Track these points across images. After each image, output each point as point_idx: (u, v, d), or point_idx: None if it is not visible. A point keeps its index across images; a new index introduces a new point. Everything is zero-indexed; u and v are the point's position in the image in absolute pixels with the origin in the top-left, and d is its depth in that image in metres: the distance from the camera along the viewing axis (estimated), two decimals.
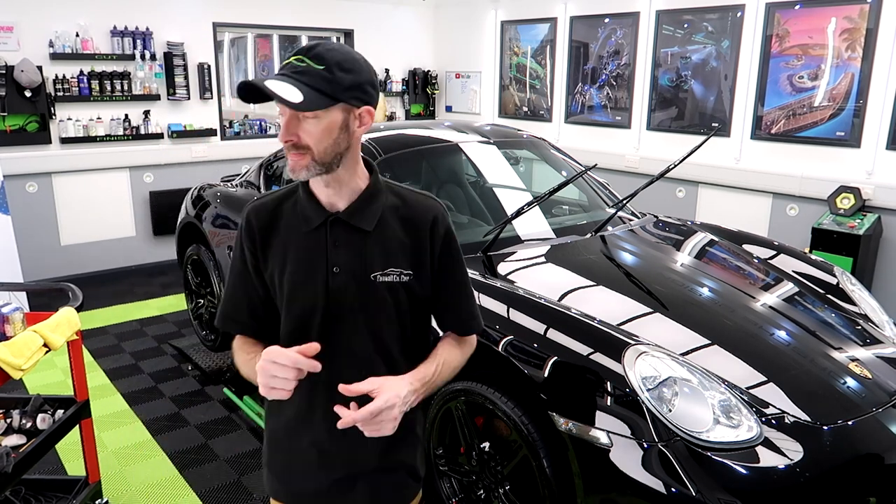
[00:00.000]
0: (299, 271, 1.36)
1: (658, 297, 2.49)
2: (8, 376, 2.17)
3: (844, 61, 4.67)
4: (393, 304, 1.37)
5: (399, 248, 1.37)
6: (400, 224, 1.38)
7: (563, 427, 2.01)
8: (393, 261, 1.36)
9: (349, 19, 7.15)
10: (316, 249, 1.35)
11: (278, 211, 1.40)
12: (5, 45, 5.19)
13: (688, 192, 5.74)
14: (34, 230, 5.52)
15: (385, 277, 1.36)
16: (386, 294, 1.36)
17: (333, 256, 1.35)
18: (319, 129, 1.26)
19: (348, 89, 1.25)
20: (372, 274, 1.35)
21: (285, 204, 1.40)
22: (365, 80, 1.28)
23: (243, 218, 1.42)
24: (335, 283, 1.34)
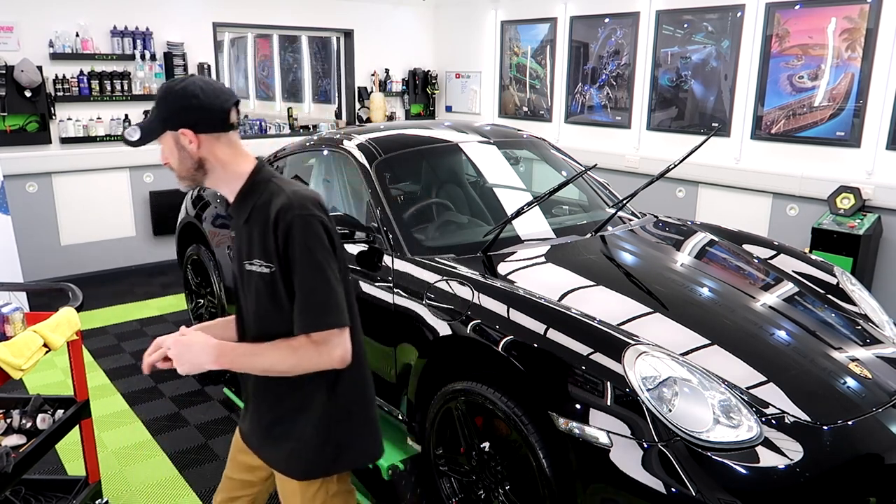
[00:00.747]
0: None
1: (658, 297, 2.48)
2: (8, 376, 2.17)
3: (844, 61, 4.67)
4: (264, 290, 1.58)
5: (259, 242, 1.56)
6: (262, 219, 1.56)
7: (563, 427, 2.01)
8: (255, 252, 1.57)
9: (349, 19, 7.15)
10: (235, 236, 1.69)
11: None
12: (5, 45, 5.19)
13: (688, 192, 5.74)
14: (34, 230, 5.52)
15: (252, 266, 1.59)
16: (255, 281, 1.59)
17: (234, 244, 1.67)
18: (166, 153, 1.64)
19: (165, 120, 1.58)
20: (244, 261, 1.60)
21: None
22: (176, 108, 1.57)
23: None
24: (235, 267, 1.68)
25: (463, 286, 2.47)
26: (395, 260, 2.75)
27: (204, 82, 1.58)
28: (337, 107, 7.87)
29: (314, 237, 1.52)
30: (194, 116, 1.56)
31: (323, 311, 1.52)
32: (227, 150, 1.61)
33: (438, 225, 3.17)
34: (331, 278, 1.53)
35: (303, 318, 1.52)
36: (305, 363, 1.54)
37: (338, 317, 1.53)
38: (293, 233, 1.51)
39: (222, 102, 1.58)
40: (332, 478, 1.73)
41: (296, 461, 1.69)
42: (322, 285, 1.53)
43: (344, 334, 1.55)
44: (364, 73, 7.46)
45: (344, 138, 3.33)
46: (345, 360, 1.56)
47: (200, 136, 1.57)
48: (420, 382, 2.57)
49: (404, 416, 2.72)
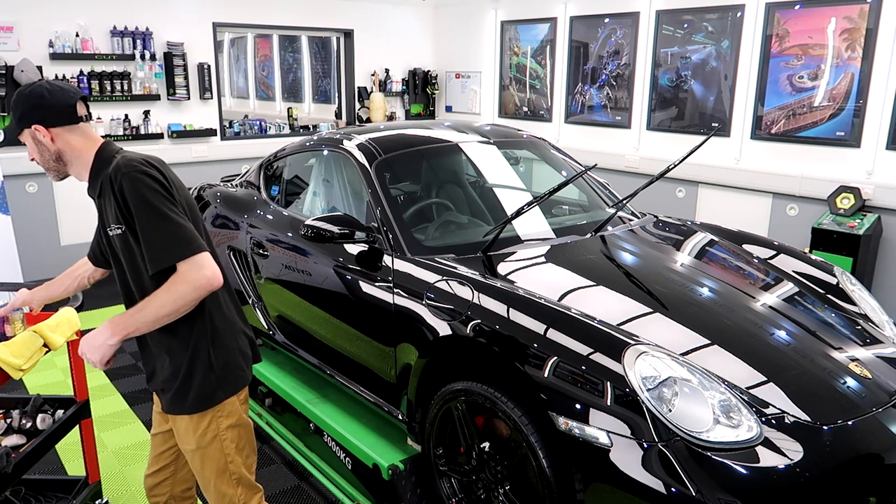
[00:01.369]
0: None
1: (658, 297, 2.48)
2: (8, 376, 2.17)
3: (844, 61, 4.67)
4: (125, 251, 1.79)
5: (110, 208, 1.77)
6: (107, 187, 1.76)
7: (563, 427, 2.01)
8: (110, 218, 1.78)
9: (349, 19, 7.15)
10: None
11: None
12: (5, 45, 5.19)
13: (688, 192, 5.74)
14: (34, 230, 5.52)
15: (112, 231, 1.80)
16: (118, 244, 1.80)
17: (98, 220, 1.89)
18: (30, 150, 1.89)
19: (19, 120, 1.82)
20: (106, 229, 1.82)
21: None
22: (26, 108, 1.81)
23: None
24: (104, 241, 1.90)
25: (463, 286, 2.47)
26: (395, 260, 2.75)
27: (50, 84, 1.83)
28: (337, 107, 7.87)
29: (144, 186, 1.70)
30: (42, 113, 1.80)
31: (176, 243, 1.69)
32: (81, 140, 1.83)
33: (438, 225, 3.17)
34: (172, 216, 1.71)
35: (160, 256, 1.69)
36: (184, 297, 1.69)
37: (193, 244, 1.71)
38: (125, 189, 1.70)
39: (67, 98, 1.82)
40: (222, 409, 1.89)
41: (181, 397, 1.86)
42: (165, 223, 1.70)
43: (206, 257, 1.72)
44: (364, 73, 7.47)
45: (344, 138, 3.33)
46: (217, 278, 1.72)
47: (52, 129, 1.81)
48: (420, 382, 2.57)
49: (404, 416, 2.72)
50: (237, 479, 1.97)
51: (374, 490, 2.84)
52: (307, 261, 3.18)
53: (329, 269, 3.02)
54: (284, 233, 3.40)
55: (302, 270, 3.22)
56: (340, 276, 2.97)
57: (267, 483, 3.02)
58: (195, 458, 1.94)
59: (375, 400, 2.89)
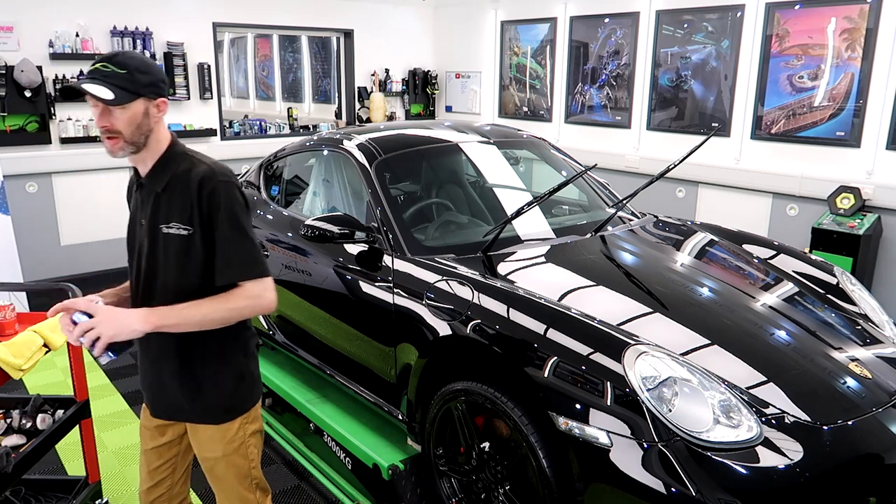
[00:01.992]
0: (129, 223, 1.85)
1: (658, 297, 2.48)
2: (8, 376, 2.17)
3: (844, 61, 4.67)
4: (180, 250, 1.72)
5: (179, 207, 1.71)
6: (181, 187, 1.71)
7: (563, 427, 2.01)
8: (174, 217, 1.71)
9: (349, 19, 7.15)
10: (134, 206, 1.83)
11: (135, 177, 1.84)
12: (5, 45, 5.19)
13: (688, 192, 5.74)
14: (34, 230, 5.51)
15: (168, 229, 1.71)
16: (170, 244, 1.72)
17: (141, 212, 1.78)
18: (126, 118, 1.65)
19: (146, 86, 1.66)
20: (159, 225, 1.72)
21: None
22: (158, 79, 1.71)
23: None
24: (141, 233, 1.77)
25: (463, 286, 2.47)
26: (395, 260, 2.75)
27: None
28: (337, 107, 7.87)
29: (235, 199, 1.71)
30: (164, 89, 1.75)
31: (252, 262, 1.71)
32: (163, 128, 1.79)
33: (438, 225, 3.17)
34: (251, 235, 1.73)
35: (232, 270, 1.70)
36: (240, 312, 1.71)
37: (263, 265, 1.74)
38: (219, 196, 1.69)
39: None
40: (249, 416, 1.91)
41: (216, 406, 1.85)
42: (245, 240, 1.72)
43: (271, 282, 1.76)
44: (364, 73, 7.46)
45: (344, 138, 3.33)
46: (274, 304, 1.76)
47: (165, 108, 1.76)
48: (420, 382, 2.57)
49: (404, 416, 2.72)
50: (257, 483, 1.98)
51: (374, 490, 2.84)
52: (307, 261, 3.18)
53: (329, 269, 3.02)
54: (284, 233, 3.40)
55: (302, 270, 3.22)
56: (340, 276, 2.97)
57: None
58: (218, 466, 1.91)
59: (375, 400, 2.89)
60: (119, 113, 1.64)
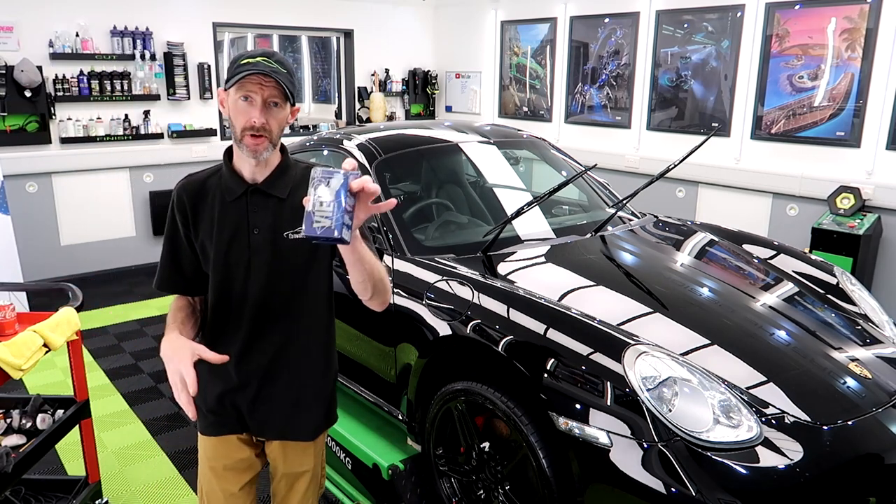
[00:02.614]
0: (225, 232, 1.66)
1: (658, 297, 2.48)
2: (8, 376, 2.17)
3: (844, 61, 4.67)
4: (306, 258, 1.67)
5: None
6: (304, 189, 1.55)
7: (562, 427, 2.01)
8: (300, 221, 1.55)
9: (349, 19, 7.15)
10: (238, 214, 1.65)
11: (205, 187, 1.68)
12: (5, 45, 5.19)
13: (688, 192, 5.74)
14: (34, 230, 5.52)
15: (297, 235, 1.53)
16: (299, 250, 1.65)
17: (253, 219, 1.65)
18: (281, 118, 1.60)
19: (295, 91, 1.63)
20: (285, 232, 1.60)
21: (210, 181, 1.69)
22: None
23: (175, 195, 1.69)
24: (255, 241, 1.65)
25: (463, 286, 2.47)
26: (395, 260, 2.75)
27: None
28: (337, 107, 7.87)
29: None
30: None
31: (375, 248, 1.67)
32: None
33: (438, 225, 3.17)
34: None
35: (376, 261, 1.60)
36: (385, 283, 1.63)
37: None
38: None
39: None
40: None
41: (317, 419, 1.80)
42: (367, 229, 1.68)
43: None
44: (364, 73, 7.46)
45: (344, 138, 3.33)
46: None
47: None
48: (420, 382, 2.57)
49: (404, 416, 2.72)
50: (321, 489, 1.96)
51: (374, 490, 2.84)
52: None
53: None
54: None
55: None
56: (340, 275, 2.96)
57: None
58: (303, 480, 1.85)
59: (375, 400, 2.89)
60: (276, 112, 1.58)
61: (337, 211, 1.28)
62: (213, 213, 1.65)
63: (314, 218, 1.28)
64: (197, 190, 1.67)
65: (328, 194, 1.29)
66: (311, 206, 1.29)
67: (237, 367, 1.71)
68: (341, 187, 1.29)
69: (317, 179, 1.29)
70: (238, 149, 1.61)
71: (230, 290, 1.68)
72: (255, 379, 1.73)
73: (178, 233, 1.69)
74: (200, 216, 1.66)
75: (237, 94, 1.54)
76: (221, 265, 1.66)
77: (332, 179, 1.29)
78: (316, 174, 1.29)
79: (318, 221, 1.28)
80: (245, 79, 1.52)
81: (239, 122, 1.55)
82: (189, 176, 1.72)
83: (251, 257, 1.65)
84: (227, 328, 1.70)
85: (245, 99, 1.54)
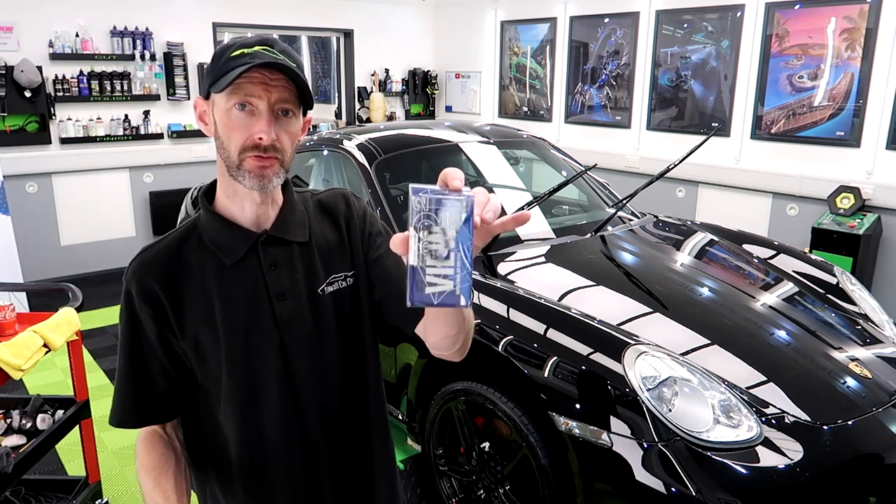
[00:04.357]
0: (233, 313, 1.12)
1: (658, 297, 2.48)
2: (8, 376, 2.17)
3: (844, 61, 4.67)
4: (347, 314, 1.20)
5: (334, 250, 1.21)
6: (325, 224, 1.22)
7: (562, 427, 2.01)
8: (333, 266, 1.19)
9: (349, 19, 7.15)
10: (249, 280, 1.13)
11: (179, 257, 1.14)
12: (5, 45, 5.18)
13: (688, 192, 5.74)
14: (34, 230, 5.51)
15: (330, 287, 1.18)
16: (338, 306, 1.19)
17: (274, 282, 1.14)
18: (293, 131, 1.10)
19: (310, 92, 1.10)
20: (319, 288, 1.17)
21: (185, 247, 1.15)
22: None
23: (132, 285, 1.12)
24: (284, 312, 1.13)
25: None
26: None
27: None
28: (337, 107, 7.87)
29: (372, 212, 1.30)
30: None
31: None
32: None
33: None
34: None
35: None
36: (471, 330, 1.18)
37: None
38: (369, 214, 1.25)
39: None
40: None
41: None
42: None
43: None
44: (364, 73, 7.46)
45: (344, 138, 3.33)
46: None
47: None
48: (420, 382, 2.57)
49: (404, 416, 2.72)
50: None
51: None
52: None
53: None
54: None
55: None
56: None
57: None
58: None
59: None
60: (287, 123, 1.08)
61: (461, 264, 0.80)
62: (204, 289, 1.12)
63: (425, 277, 0.80)
64: (168, 266, 1.13)
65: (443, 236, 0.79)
66: (416, 259, 0.80)
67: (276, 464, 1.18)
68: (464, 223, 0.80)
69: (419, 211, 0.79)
70: (231, 181, 1.10)
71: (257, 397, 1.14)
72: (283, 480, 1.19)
73: (142, 338, 1.14)
74: (185, 300, 1.12)
75: (229, 102, 1.05)
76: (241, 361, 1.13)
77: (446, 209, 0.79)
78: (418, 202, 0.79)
79: (432, 284, 0.80)
80: (241, 77, 1.03)
81: (234, 140, 1.06)
82: (143, 252, 1.15)
83: (283, 337, 1.14)
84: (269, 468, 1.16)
85: (242, 107, 1.05)
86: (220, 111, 1.08)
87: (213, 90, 1.07)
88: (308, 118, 1.15)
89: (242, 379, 1.13)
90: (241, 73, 1.02)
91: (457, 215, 0.79)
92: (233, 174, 1.09)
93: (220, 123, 1.08)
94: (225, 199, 1.14)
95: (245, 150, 1.06)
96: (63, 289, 2.71)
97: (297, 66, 1.07)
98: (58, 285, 2.76)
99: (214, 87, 1.06)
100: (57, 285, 2.77)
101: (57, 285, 2.77)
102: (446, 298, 0.80)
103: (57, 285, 2.77)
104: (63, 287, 2.72)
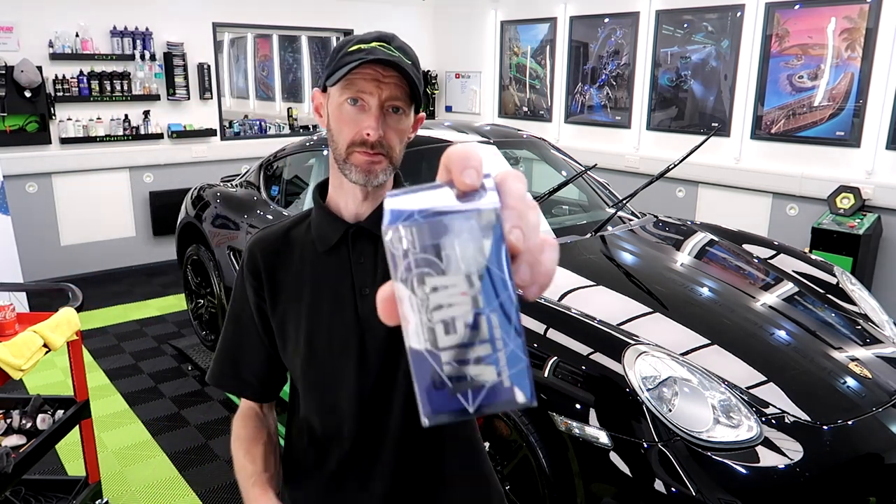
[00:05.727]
0: (319, 301, 1.12)
1: (658, 297, 2.48)
2: (8, 376, 2.17)
3: (844, 61, 4.67)
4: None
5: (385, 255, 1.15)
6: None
7: (562, 427, 2.01)
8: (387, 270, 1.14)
9: (349, 19, 7.15)
10: (338, 271, 1.12)
11: (287, 239, 1.17)
12: (5, 45, 5.19)
13: (688, 192, 5.74)
14: (34, 230, 5.51)
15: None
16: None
17: (360, 275, 1.11)
18: (403, 129, 1.11)
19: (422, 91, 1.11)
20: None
21: (294, 231, 1.18)
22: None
23: (245, 253, 1.19)
24: (366, 308, 1.09)
25: None
26: None
27: None
28: None
29: None
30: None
31: None
32: None
33: None
34: None
35: None
36: None
37: None
38: None
39: None
40: None
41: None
42: None
43: None
44: None
45: None
46: None
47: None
48: None
49: None
50: None
51: None
52: None
53: None
54: None
55: None
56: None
57: None
58: None
59: None
60: (397, 120, 1.09)
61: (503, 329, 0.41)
62: (299, 273, 1.14)
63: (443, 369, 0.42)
64: (275, 244, 1.17)
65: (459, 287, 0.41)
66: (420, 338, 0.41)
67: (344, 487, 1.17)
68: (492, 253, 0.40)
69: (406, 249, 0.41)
70: (340, 173, 1.11)
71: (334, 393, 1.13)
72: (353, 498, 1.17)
73: (245, 305, 1.19)
74: (280, 280, 1.15)
75: (342, 96, 1.07)
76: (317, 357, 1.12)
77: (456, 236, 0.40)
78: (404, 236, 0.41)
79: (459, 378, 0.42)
80: (355, 72, 1.04)
81: (344, 134, 1.08)
82: (264, 228, 1.22)
83: (363, 334, 1.11)
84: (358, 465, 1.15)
85: (354, 102, 1.07)
86: (334, 104, 1.10)
87: (329, 83, 1.10)
88: (420, 116, 1.16)
89: (317, 375, 1.15)
90: (353, 67, 1.04)
91: (477, 241, 0.40)
92: (340, 167, 1.11)
93: (332, 116, 1.11)
94: (333, 190, 1.16)
95: (353, 144, 1.08)
96: (63, 289, 2.71)
97: (411, 64, 1.07)
98: (58, 285, 2.76)
99: (329, 80, 1.09)
100: (57, 285, 2.77)
101: (57, 285, 2.77)
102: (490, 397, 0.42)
103: (57, 285, 2.77)
104: (63, 287, 2.72)
